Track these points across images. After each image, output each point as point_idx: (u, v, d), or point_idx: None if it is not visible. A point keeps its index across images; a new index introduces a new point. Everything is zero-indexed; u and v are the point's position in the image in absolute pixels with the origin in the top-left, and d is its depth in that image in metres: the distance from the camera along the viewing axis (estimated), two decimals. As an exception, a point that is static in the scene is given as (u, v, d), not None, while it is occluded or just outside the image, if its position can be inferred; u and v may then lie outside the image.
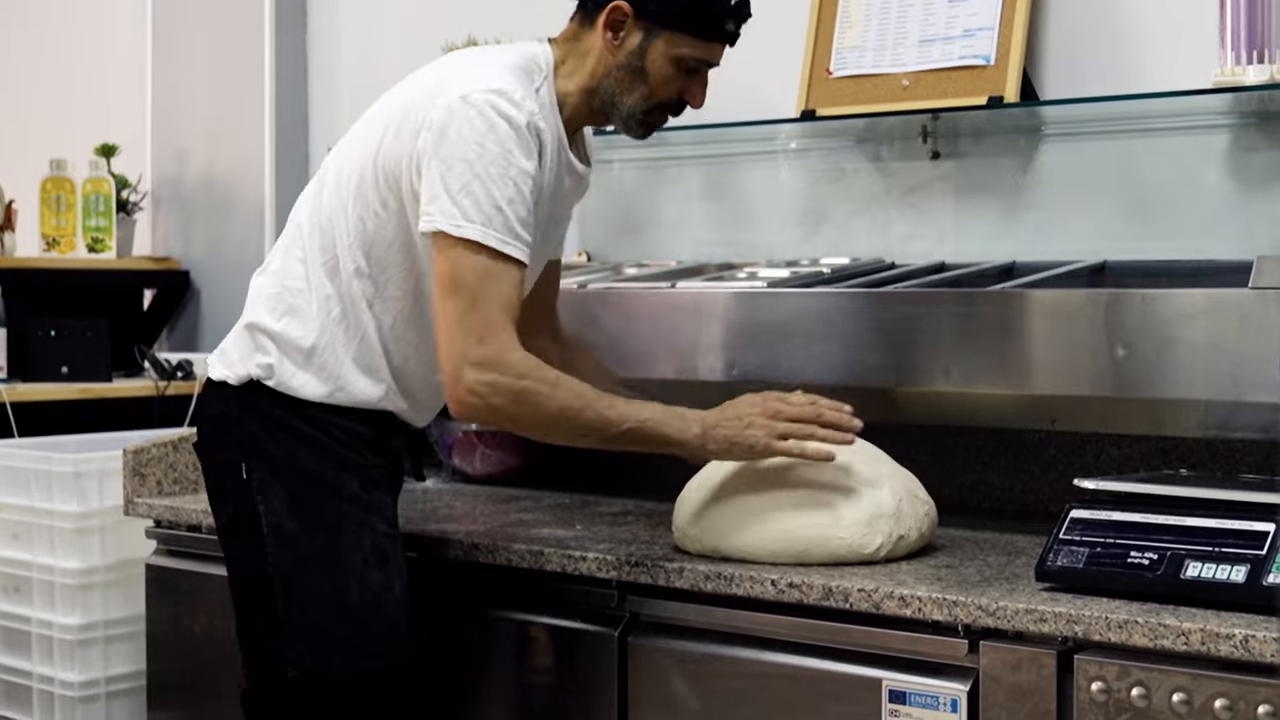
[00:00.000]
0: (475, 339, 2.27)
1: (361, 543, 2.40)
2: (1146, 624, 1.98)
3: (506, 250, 2.29)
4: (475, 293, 2.28)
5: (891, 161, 3.17)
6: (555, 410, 2.31)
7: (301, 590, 2.39)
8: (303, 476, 2.42)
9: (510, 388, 2.28)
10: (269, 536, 2.40)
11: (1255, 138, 2.77)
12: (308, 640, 2.38)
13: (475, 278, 2.28)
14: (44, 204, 4.29)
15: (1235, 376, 2.34)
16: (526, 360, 2.30)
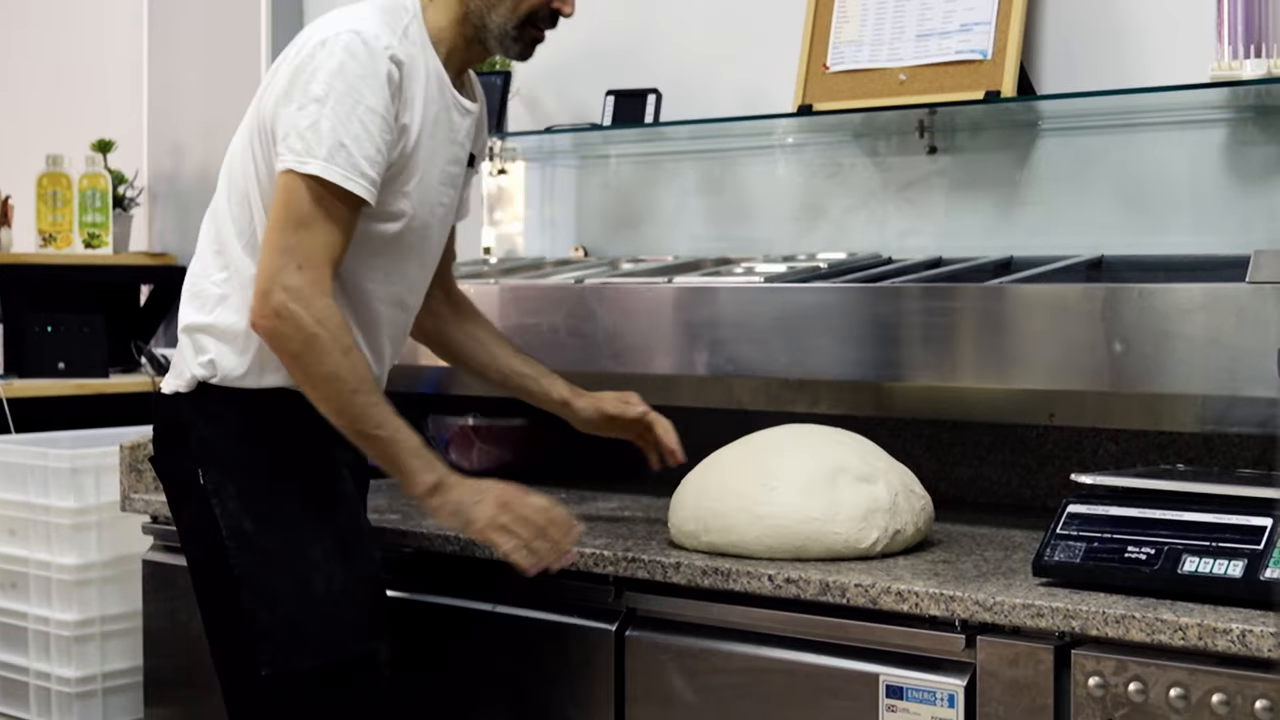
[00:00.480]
0: (295, 265, 2.26)
1: (322, 537, 2.39)
2: (1144, 619, 1.98)
3: (348, 186, 2.27)
4: (306, 223, 2.27)
5: (888, 156, 3.17)
6: (328, 372, 2.27)
7: (265, 589, 2.36)
8: (257, 476, 2.40)
9: (306, 327, 2.25)
10: (229, 539, 2.37)
11: (1252, 132, 2.77)
12: (276, 638, 2.35)
13: (309, 209, 2.27)
14: (40, 200, 4.29)
15: (1232, 371, 2.34)
16: (331, 311, 2.28)
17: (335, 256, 2.30)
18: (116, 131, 4.45)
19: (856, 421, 2.78)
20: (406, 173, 2.39)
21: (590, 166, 3.61)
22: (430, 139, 2.41)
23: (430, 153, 2.42)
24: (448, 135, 2.46)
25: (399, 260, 2.46)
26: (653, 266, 3.23)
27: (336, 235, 2.29)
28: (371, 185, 2.30)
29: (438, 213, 2.49)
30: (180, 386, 2.46)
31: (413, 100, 2.36)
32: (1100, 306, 2.45)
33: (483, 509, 2.32)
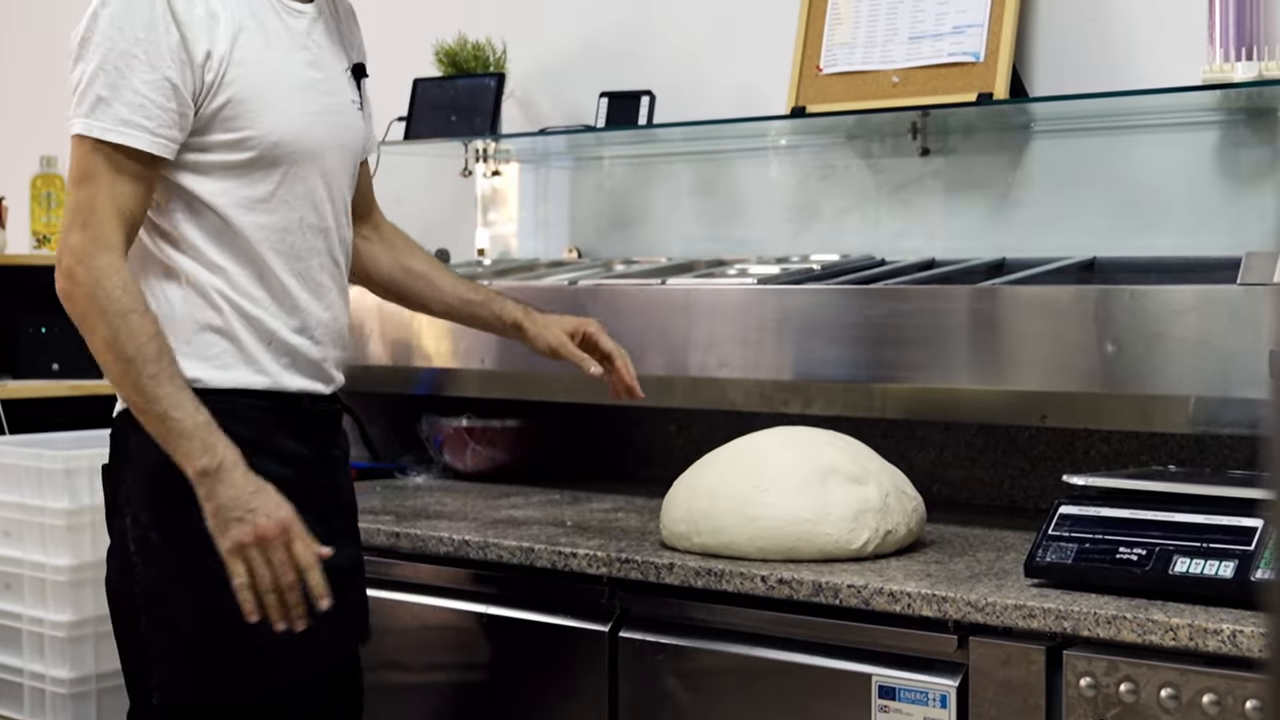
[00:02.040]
0: (79, 222, 2.13)
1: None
2: (1135, 619, 1.99)
3: (109, 138, 2.14)
4: (84, 180, 2.15)
5: (882, 158, 3.18)
6: (105, 338, 2.11)
7: (166, 608, 2.18)
8: (168, 485, 2.15)
9: (87, 289, 2.11)
10: (136, 552, 2.20)
11: (1244, 134, 2.78)
12: (169, 665, 2.18)
13: (86, 166, 2.16)
14: (34, 201, 4.29)
15: (1224, 372, 2.35)
16: (112, 269, 2.12)
17: (124, 209, 2.15)
18: (111, 132, 4.45)
19: (850, 423, 2.78)
20: (235, 94, 2.21)
21: (584, 168, 3.62)
22: (260, 50, 2.25)
23: (265, 64, 2.25)
24: (284, 41, 2.29)
25: (282, 186, 2.26)
26: (646, 268, 3.23)
27: (121, 188, 2.15)
28: (142, 132, 2.15)
29: (314, 124, 2.30)
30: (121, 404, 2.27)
31: (212, 19, 2.20)
32: (1092, 308, 2.46)
33: (240, 529, 2.09)
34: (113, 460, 2.30)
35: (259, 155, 2.24)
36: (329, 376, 2.36)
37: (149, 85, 2.16)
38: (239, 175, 2.24)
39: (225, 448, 2.12)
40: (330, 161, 2.33)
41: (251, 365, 2.26)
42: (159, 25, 2.16)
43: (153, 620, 2.19)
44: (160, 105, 2.16)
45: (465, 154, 3.62)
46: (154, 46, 2.16)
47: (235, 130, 2.22)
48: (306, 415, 2.32)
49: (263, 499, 2.11)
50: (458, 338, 3.14)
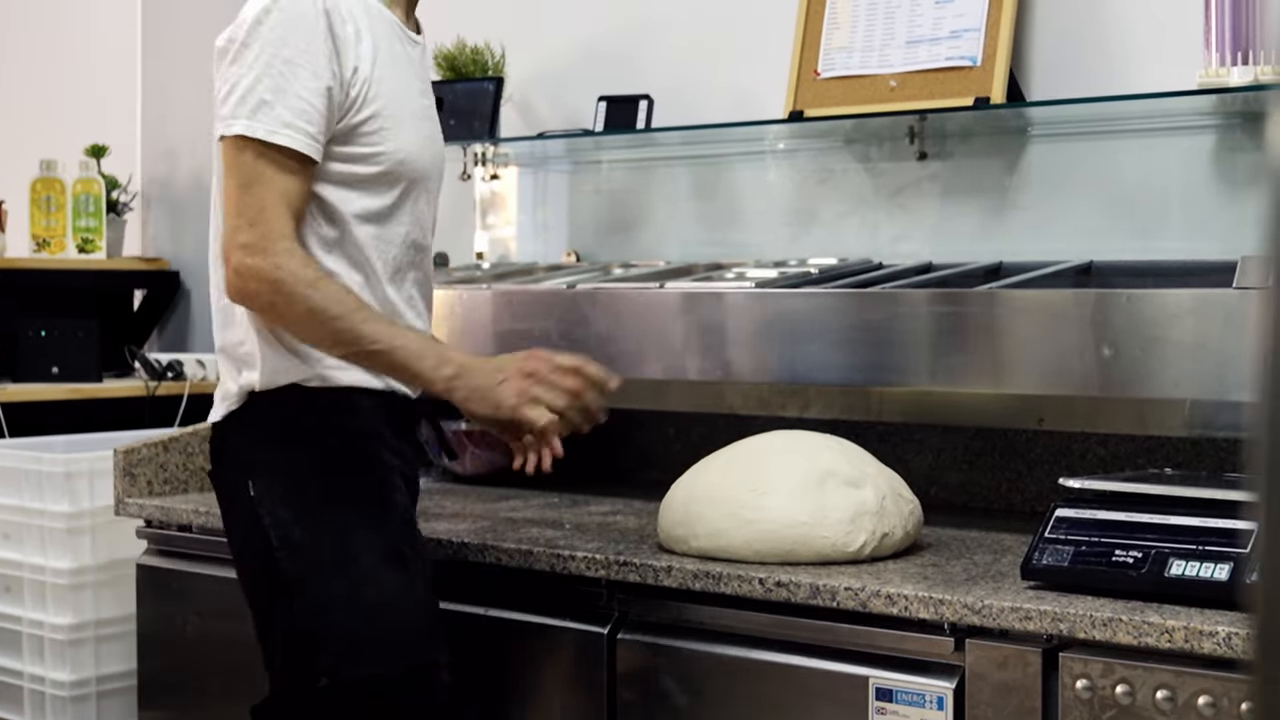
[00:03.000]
0: (246, 221, 2.24)
1: (374, 544, 2.32)
2: (1131, 622, 2.00)
3: (275, 140, 2.25)
4: (248, 182, 2.25)
5: (879, 162, 3.19)
6: (305, 310, 2.24)
7: (316, 597, 2.29)
8: (304, 484, 2.33)
9: (268, 276, 2.22)
10: (279, 549, 2.30)
11: (1240, 138, 2.78)
12: (331, 648, 2.29)
13: (249, 168, 2.25)
14: (34, 204, 4.30)
15: (1220, 376, 2.35)
16: (289, 253, 2.24)
17: (291, 205, 2.26)
18: (110, 136, 4.46)
19: (847, 426, 2.79)
20: (376, 110, 2.34)
21: (582, 172, 3.63)
22: (391, 72, 2.38)
23: (395, 85, 2.38)
24: (405, 67, 2.43)
25: (398, 202, 2.39)
26: (645, 272, 3.24)
27: (285, 186, 2.26)
28: (303, 135, 2.26)
29: (428, 147, 2.45)
30: (227, 408, 2.41)
31: (359, 38, 2.32)
32: (1089, 311, 2.47)
33: (508, 387, 2.31)
34: (223, 465, 2.43)
35: (386, 171, 2.36)
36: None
37: (310, 92, 2.27)
38: (364, 188, 2.36)
39: (453, 351, 2.34)
40: (433, 184, 2.49)
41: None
42: (319, 37, 2.27)
43: (309, 609, 2.29)
44: (319, 111, 2.27)
45: (464, 158, 3.63)
46: (315, 57, 2.27)
47: (371, 145, 2.35)
48: (403, 415, 2.44)
49: (503, 359, 2.33)
50: (455, 339, 3.15)
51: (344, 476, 2.35)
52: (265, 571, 2.34)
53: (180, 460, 3.24)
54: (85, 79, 4.80)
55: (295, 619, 2.31)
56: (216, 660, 3.05)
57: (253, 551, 2.36)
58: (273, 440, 2.36)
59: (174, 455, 3.23)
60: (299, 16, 2.27)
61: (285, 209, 2.25)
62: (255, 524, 2.33)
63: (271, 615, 2.37)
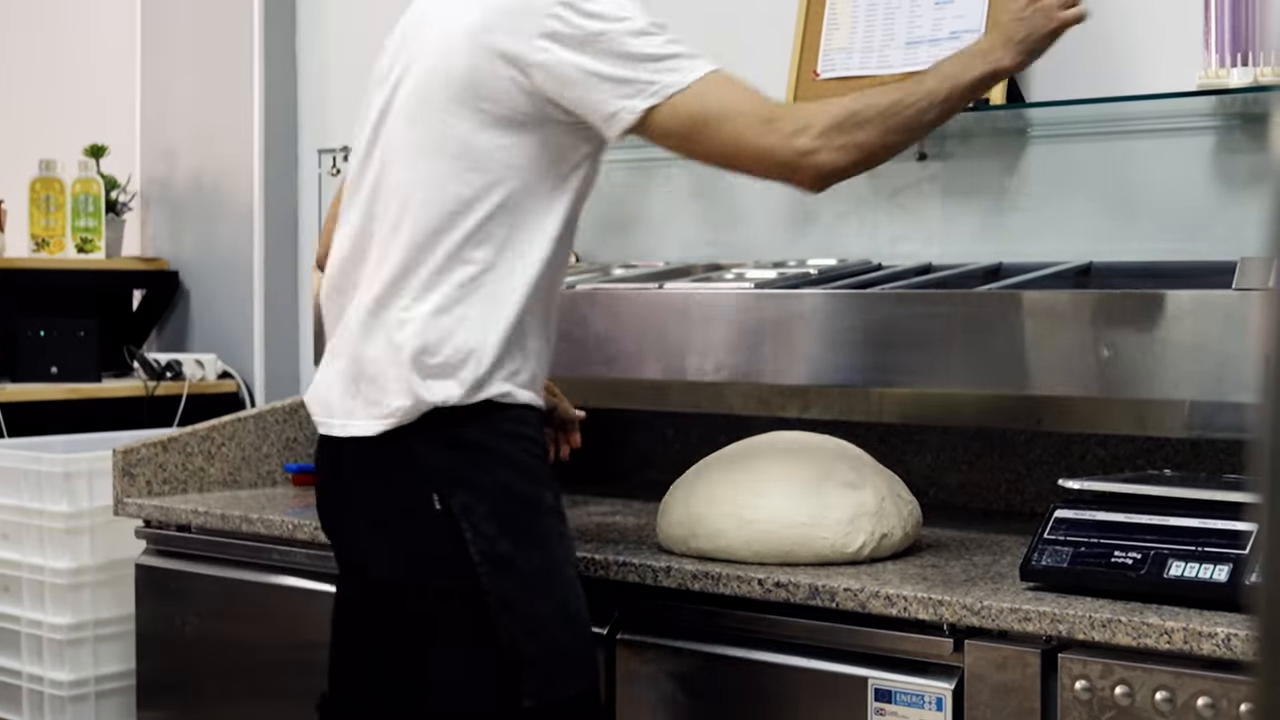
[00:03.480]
0: (768, 115, 2.18)
1: (570, 556, 2.29)
2: (1130, 623, 2.00)
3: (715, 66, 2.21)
4: (739, 89, 2.20)
5: (878, 163, 3.18)
6: (880, 129, 2.19)
7: (527, 614, 2.20)
8: (508, 496, 2.23)
9: (833, 126, 2.17)
10: (481, 565, 2.18)
11: (1240, 140, 2.78)
12: (543, 667, 2.21)
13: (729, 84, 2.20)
14: (33, 204, 4.29)
15: (1220, 377, 2.35)
16: (816, 103, 2.24)
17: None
18: (109, 136, 4.46)
19: (846, 426, 2.79)
20: None
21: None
22: None
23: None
24: None
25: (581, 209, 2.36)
26: (644, 272, 3.23)
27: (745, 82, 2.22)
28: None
29: None
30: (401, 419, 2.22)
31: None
32: (1089, 312, 2.47)
33: (1039, 20, 2.31)
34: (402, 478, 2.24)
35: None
36: None
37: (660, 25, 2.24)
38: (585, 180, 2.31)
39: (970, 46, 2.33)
40: None
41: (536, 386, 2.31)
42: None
43: (521, 627, 2.20)
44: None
45: (463, 158, 3.62)
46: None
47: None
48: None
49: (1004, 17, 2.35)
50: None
51: (538, 488, 2.27)
52: (460, 586, 2.21)
53: (179, 460, 3.24)
54: (84, 79, 4.80)
55: (500, 637, 2.20)
56: (215, 661, 3.05)
57: (443, 564, 2.22)
58: (471, 454, 2.23)
59: (173, 455, 3.23)
60: None
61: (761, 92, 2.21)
62: (451, 539, 2.20)
63: (463, 636, 2.23)
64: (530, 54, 2.18)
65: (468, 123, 2.22)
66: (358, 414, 2.26)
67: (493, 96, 2.20)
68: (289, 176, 4.20)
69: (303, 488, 3.30)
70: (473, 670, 2.23)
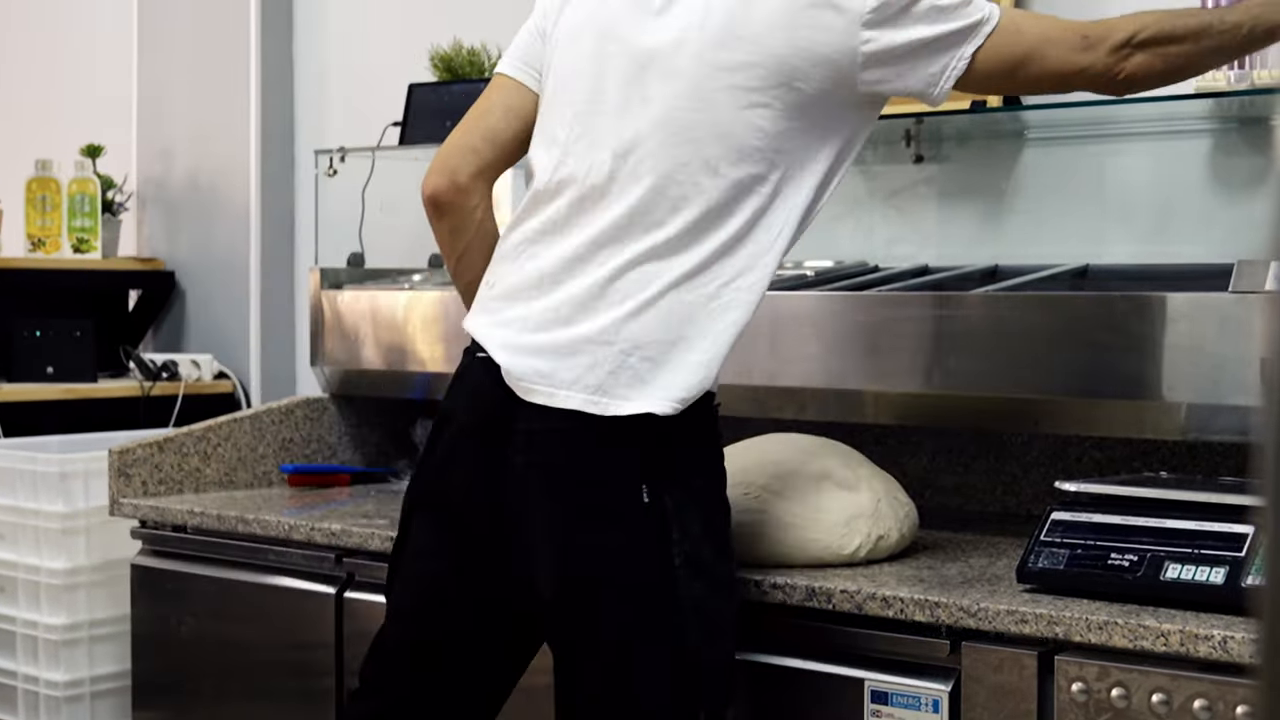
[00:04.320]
0: (1081, 46, 2.17)
1: (735, 564, 2.26)
2: (1126, 625, 2.00)
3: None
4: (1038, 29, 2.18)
5: (875, 165, 3.19)
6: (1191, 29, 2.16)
7: (715, 620, 2.16)
8: (720, 502, 2.21)
9: (1149, 39, 2.15)
10: (681, 566, 2.12)
11: (1236, 143, 2.79)
12: (720, 674, 2.18)
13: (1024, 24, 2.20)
14: (29, 204, 4.29)
15: (1216, 380, 2.36)
16: (1126, 17, 2.19)
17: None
18: (106, 136, 4.46)
19: (843, 428, 2.79)
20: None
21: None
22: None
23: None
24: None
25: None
26: (641, 273, 3.23)
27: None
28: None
29: None
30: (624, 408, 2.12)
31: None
32: (1085, 315, 2.47)
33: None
34: (634, 470, 2.14)
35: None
36: None
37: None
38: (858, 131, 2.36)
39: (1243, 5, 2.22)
40: None
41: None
42: None
43: (702, 633, 2.15)
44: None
45: (460, 159, 3.62)
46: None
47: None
48: None
49: None
50: (451, 342, 3.15)
51: (726, 491, 2.24)
52: (658, 584, 2.13)
53: (175, 461, 3.24)
54: (81, 79, 4.80)
55: (686, 641, 2.14)
56: (210, 661, 3.05)
57: (643, 560, 2.14)
58: (702, 452, 2.20)
59: (169, 456, 3.22)
60: None
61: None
62: (656, 536, 2.13)
63: (645, 637, 2.15)
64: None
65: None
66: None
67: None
68: (286, 177, 4.20)
69: (299, 488, 3.30)
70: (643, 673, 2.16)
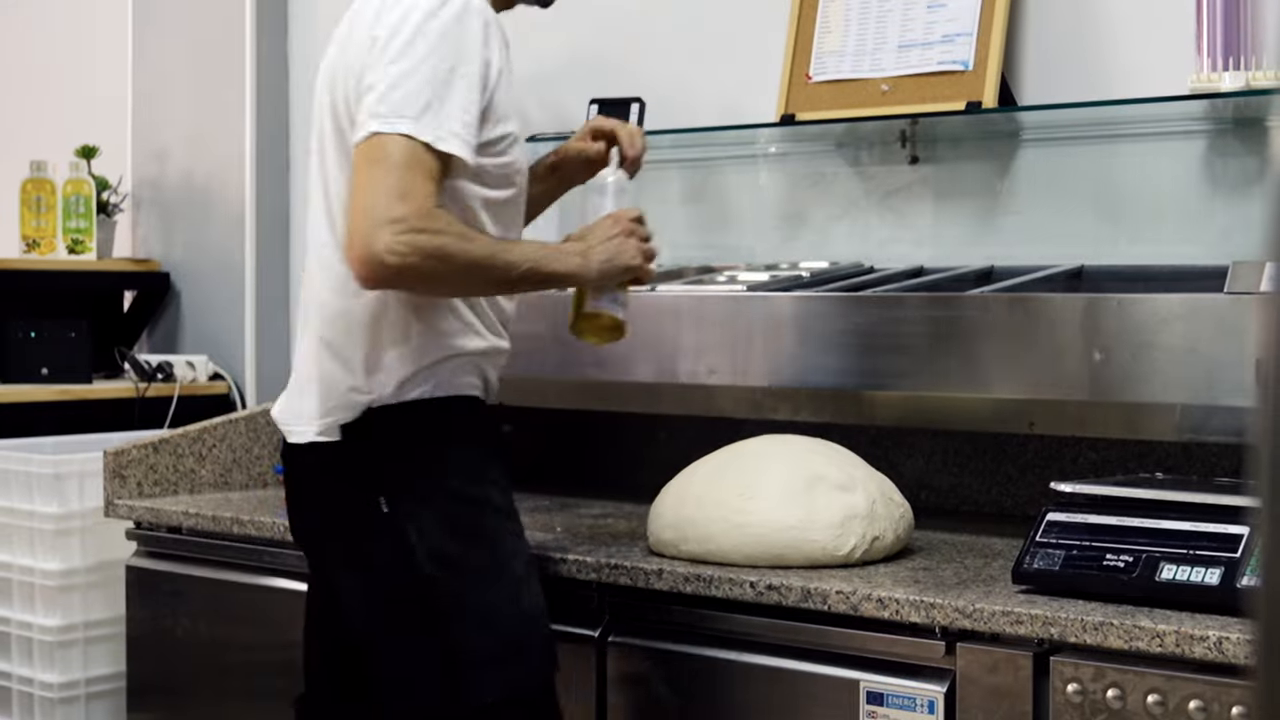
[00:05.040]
0: (397, 196, 2.12)
1: (518, 551, 2.31)
2: (1122, 626, 2.00)
3: (441, 146, 2.17)
4: (402, 167, 2.15)
5: (870, 166, 3.19)
6: (468, 263, 2.18)
7: (479, 611, 2.24)
8: (452, 497, 2.27)
9: (429, 245, 2.12)
10: (429, 564, 2.23)
11: (1231, 143, 2.79)
12: (501, 660, 2.24)
13: (403, 159, 2.16)
14: (24, 205, 4.28)
15: (1211, 380, 2.36)
16: (440, 216, 2.16)
17: (437, 198, 2.18)
18: (101, 137, 4.45)
19: (838, 430, 2.79)
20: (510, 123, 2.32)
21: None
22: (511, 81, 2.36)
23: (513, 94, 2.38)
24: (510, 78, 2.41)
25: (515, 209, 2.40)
26: (636, 274, 3.23)
27: (437, 175, 2.18)
28: (465, 145, 2.20)
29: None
30: (337, 421, 2.29)
31: (505, 45, 2.33)
32: (1080, 316, 2.47)
33: (628, 250, 2.36)
34: (355, 485, 2.29)
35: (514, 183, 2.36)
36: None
37: (472, 102, 2.22)
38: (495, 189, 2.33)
39: (562, 245, 2.38)
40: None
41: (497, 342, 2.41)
42: (478, 45, 2.24)
43: (466, 626, 2.24)
44: (475, 121, 2.23)
45: (455, 160, 3.62)
46: (477, 66, 2.23)
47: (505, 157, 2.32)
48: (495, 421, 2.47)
49: (589, 231, 2.39)
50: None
51: (482, 486, 2.31)
52: (410, 587, 2.25)
53: (170, 462, 3.23)
54: (76, 79, 4.79)
55: (454, 635, 2.23)
56: (206, 662, 3.05)
57: (393, 573, 2.26)
58: (408, 454, 2.28)
59: (164, 457, 3.22)
60: (467, 23, 2.22)
61: (434, 188, 2.17)
62: (397, 542, 2.24)
63: (413, 635, 2.26)
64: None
65: None
66: None
67: None
68: (280, 178, 4.19)
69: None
70: (421, 673, 2.27)
